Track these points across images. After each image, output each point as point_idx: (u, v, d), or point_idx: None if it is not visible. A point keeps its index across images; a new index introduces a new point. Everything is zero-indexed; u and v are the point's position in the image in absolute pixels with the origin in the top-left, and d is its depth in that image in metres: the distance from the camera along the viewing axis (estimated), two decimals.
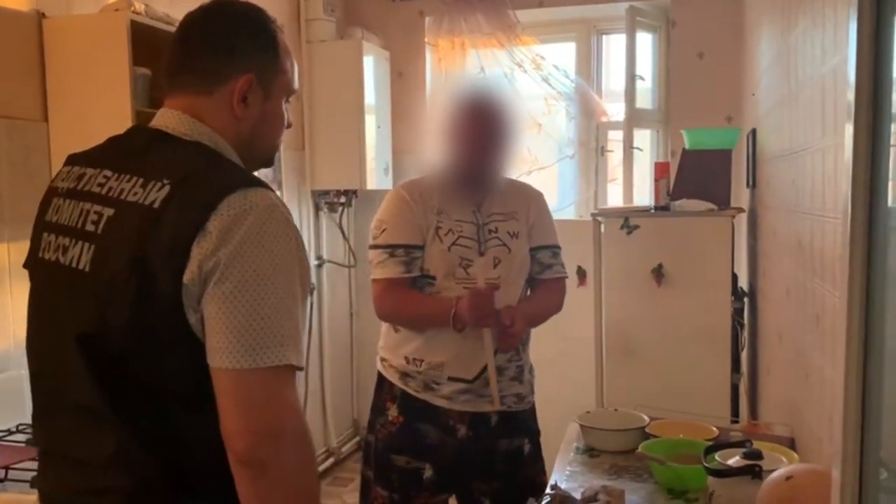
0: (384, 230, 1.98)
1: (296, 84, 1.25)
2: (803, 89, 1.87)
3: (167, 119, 1.15)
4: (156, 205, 1.04)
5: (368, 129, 3.73)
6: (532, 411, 2.13)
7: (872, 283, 0.93)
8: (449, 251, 1.96)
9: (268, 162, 1.27)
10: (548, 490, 1.67)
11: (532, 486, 1.99)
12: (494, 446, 2.04)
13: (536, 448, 2.11)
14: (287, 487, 1.02)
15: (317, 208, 3.93)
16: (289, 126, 1.26)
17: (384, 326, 2.08)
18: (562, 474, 1.86)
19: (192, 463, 1.07)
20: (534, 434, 2.12)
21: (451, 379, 1.97)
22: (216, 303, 1.01)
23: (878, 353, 0.92)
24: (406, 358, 2.01)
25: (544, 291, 2.12)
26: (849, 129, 0.94)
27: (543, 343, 2.53)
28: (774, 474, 1.26)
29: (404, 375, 2.01)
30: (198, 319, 1.03)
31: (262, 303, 1.01)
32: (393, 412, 2.01)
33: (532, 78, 3.99)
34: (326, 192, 3.91)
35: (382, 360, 2.07)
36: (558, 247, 2.13)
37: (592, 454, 1.99)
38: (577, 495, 1.63)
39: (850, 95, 0.93)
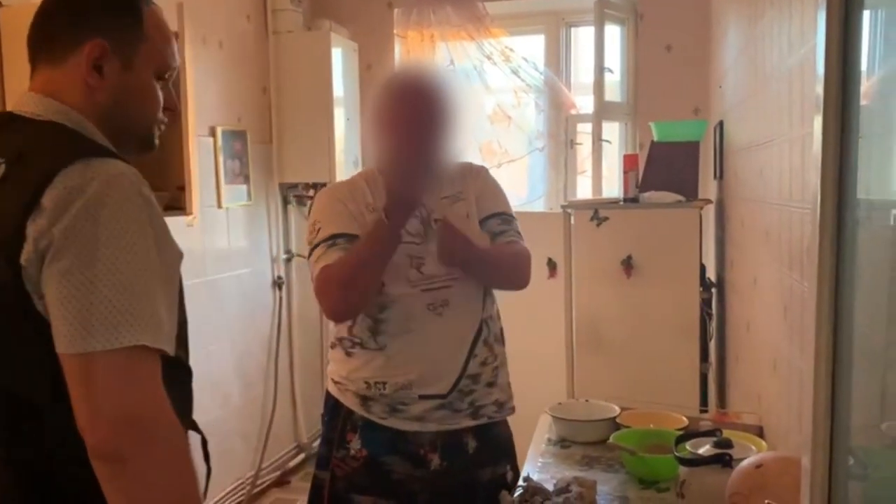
0: (319, 228, 1.74)
1: (173, 61, 1.16)
2: (770, 81, 1.89)
3: (22, 102, 1.09)
4: None
5: (337, 121, 3.70)
6: (508, 427, 1.87)
7: (841, 273, 0.94)
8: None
9: (144, 143, 1.16)
10: (520, 482, 1.67)
11: None
12: (474, 477, 1.77)
13: (516, 475, 1.84)
14: (152, 484, 0.93)
15: (285, 202, 3.89)
16: (173, 109, 1.18)
17: (332, 350, 1.83)
18: (534, 466, 1.86)
19: (56, 463, 0.99)
20: (513, 458, 1.87)
21: (422, 397, 1.71)
22: (53, 283, 0.93)
23: (847, 343, 0.93)
24: (366, 382, 1.73)
25: (500, 246, 1.82)
26: (818, 122, 0.94)
27: (514, 335, 2.52)
28: (744, 462, 1.27)
29: (365, 400, 1.74)
30: (44, 305, 0.95)
31: (103, 280, 0.93)
32: (355, 445, 1.74)
33: (501, 70, 3.98)
34: (295, 186, 3.87)
35: (336, 383, 1.80)
36: (510, 215, 1.85)
37: (564, 445, 2.00)
38: (550, 487, 1.64)
39: (819, 88, 0.94)
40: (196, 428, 1.19)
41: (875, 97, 0.93)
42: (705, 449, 1.57)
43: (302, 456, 3.93)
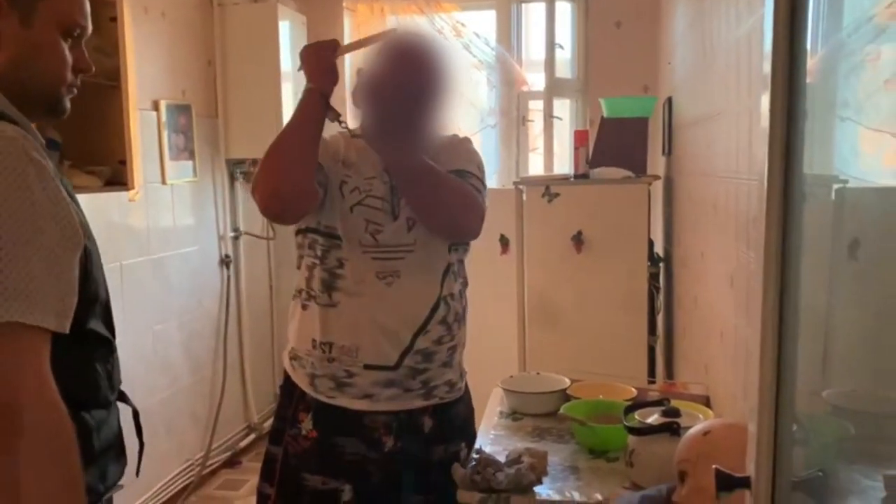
0: None
1: (82, 19, 1.09)
2: (717, 54, 1.91)
3: None
4: None
5: (285, 95, 3.62)
6: (469, 405, 1.83)
7: (787, 244, 0.95)
8: (351, 212, 1.66)
9: (52, 107, 1.09)
10: (472, 454, 1.67)
11: None
12: (428, 456, 1.73)
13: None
14: (31, 468, 0.87)
15: (232, 178, 3.81)
16: (86, 71, 1.12)
17: (292, 306, 1.78)
18: (486, 438, 1.87)
19: None
20: (472, 437, 1.82)
21: (367, 367, 1.66)
22: None
23: (793, 312, 0.95)
24: (314, 342, 1.69)
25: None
26: (765, 99, 0.95)
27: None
28: (692, 430, 1.30)
29: (313, 378, 1.70)
30: None
31: None
32: (307, 425, 1.70)
33: (453, 45, 3.95)
34: (242, 162, 3.79)
35: (292, 359, 1.76)
36: (471, 174, 1.74)
37: (515, 417, 2.01)
38: (502, 458, 1.64)
39: (767, 65, 0.94)
40: (126, 399, 1.14)
41: (818, 75, 0.94)
42: (654, 418, 1.60)
43: (253, 436, 3.89)
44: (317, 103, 1.61)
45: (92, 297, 1.03)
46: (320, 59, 1.62)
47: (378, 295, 1.66)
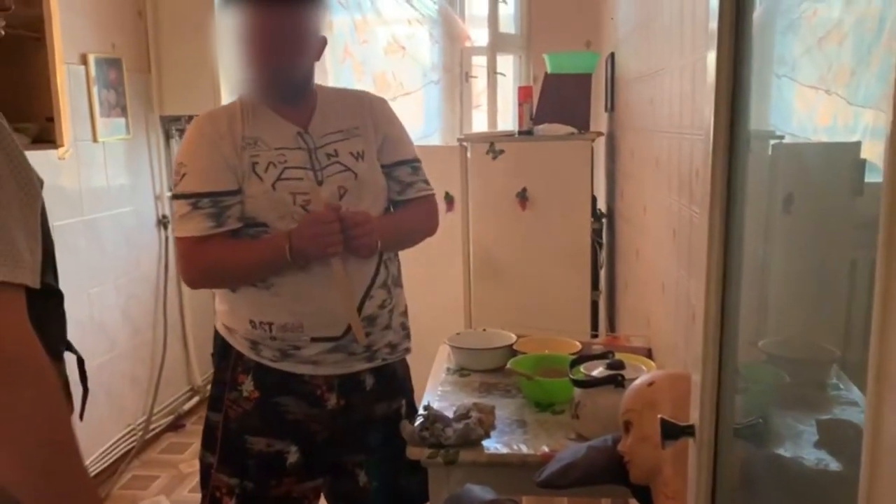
0: (184, 175, 1.59)
1: None
2: (660, 9, 1.91)
3: None
4: None
5: (221, 49, 3.50)
6: (405, 364, 1.83)
7: (731, 198, 0.97)
8: (274, 189, 1.58)
9: None
10: (420, 410, 1.68)
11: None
12: (370, 413, 1.72)
13: (412, 409, 1.80)
14: (20, 424, 0.89)
15: (167, 136, 3.68)
16: (7, 9, 1.07)
17: (210, 291, 1.72)
18: (434, 394, 1.88)
19: None
20: (410, 393, 1.83)
21: (314, 340, 1.63)
22: None
23: (736, 264, 0.97)
24: (251, 322, 1.63)
25: (408, 209, 1.76)
26: (711, 56, 0.95)
27: (414, 269, 2.50)
28: (636, 381, 1.32)
29: (255, 345, 1.65)
30: None
31: None
32: (248, 386, 1.66)
33: (395, 0, 3.87)
34: (177, 119, 3.66)
35: (226, 328, 1.70)
36: (417, 160, 1.77)
37: (463, 374, 2.03)
38: (450, 414, 1.66)
39: (713, 23, 0.94)
40: (72, 348, 1.14)
41: (756, 32, 0.95)
42: (598, 371, 1.63)
43: (196, 399, 3.83)
44: (286, 264, 1.57)
45: (47, 251, 1.02)
46: (327, 240, 1.55)
47: (317, 268, 1.61)
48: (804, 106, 0.92)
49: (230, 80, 1.68)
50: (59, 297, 1.09)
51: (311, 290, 1.61)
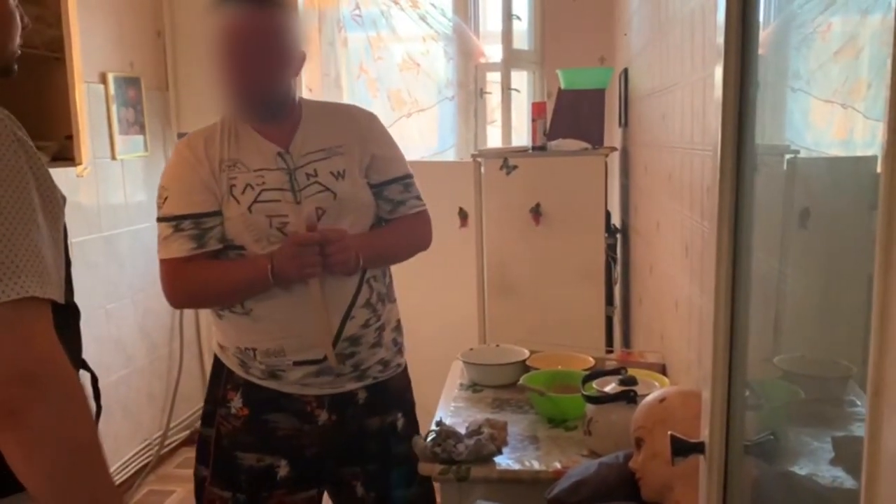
0: (166, 198, 1.61)
1: None
2: (672, 25, 1.91)
3: None
4: None
5: None
6: (404, 377, 1.80)
7: (740, 213, 0.97)
8: (250, 212, 1.57)
9: (6, 69, 1.10)
10: (433, 426, 1.68)
11: (408, 463, 1.67)
12: (363, 427, 1.71)
13: (411, 421, 1.78)
14: (48, 435, 0.91)
15: None
16: (26, 28, 1.12)
17: (208, 313, 1.74)
18: (446, 410, 1.88)
19: None
20: (408, 406, 1.80)
21: (297, 364, 1.62)
22: None
23: (745, 280, 0.97)
24: (238, 348, 1.66)
25: (394, 224, 1.73)
26: (718, 70, 0.96)
27: (427, 285, 2.53)
28: (648, 397, 1.32)
29: (243, 363, 1.66)
30: None
31: None
32: (237, 403, 1.67)
33: (409, 17, 3.90)
34: None
35: (220, 346, 1.72)
36: (409, 176, 1.73)
37: (476, 389, 2.03)
38: (462, 430, 1.66)
39: (720, 38, 0.95)
40: (86, 366, 1.17)
41: (770, 47, 0.95)
42: (611, 387, 1.62)
43: None
44: (268, 285, 1.56)
45: (65, 265, 1.05)
46: (304, 261, 1.54)
47: (295, 291, 1.59)
48: (820, 120, 0.92)
49: (214, 98, 1.68)
50: (75, 313, 1.11)
51: (289, 314, 1.60)
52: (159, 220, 1.63)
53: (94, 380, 1.19)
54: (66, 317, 1.07)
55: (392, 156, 1.73)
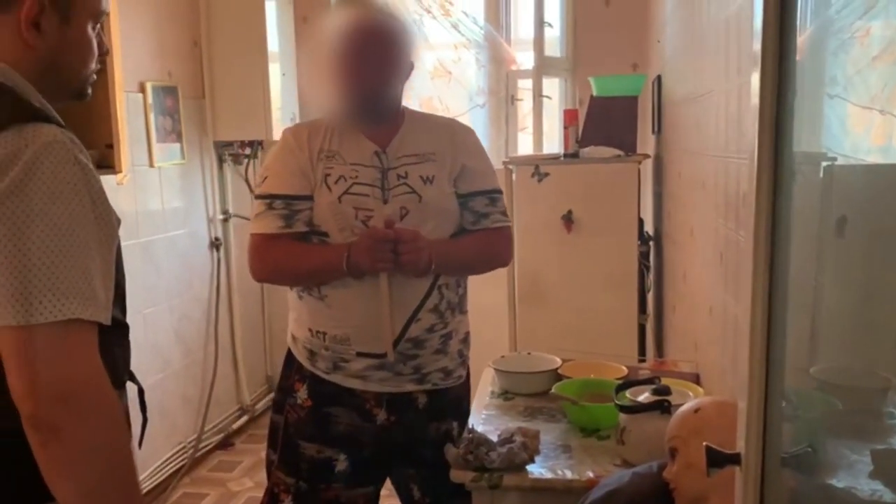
0: (266, 178, 1.73)
1: (106, 5, 1.13)
2: (707, 32, 1.90)
3: None
4: None
5: (273, 76, 3.59)
6: (464, 387, 1.85)
7: (777, 221, 0.96)
8: (339, 202, 1.66)
9: (79, 94, 1.15)
10: (465, 434, 1.68)
11: None
12: (420, 432, 1.76)
13: (464, 431, 1.80)
14: (84, 452, 0.95)
15: (220, 160, 3.78)
16: (105, 53, 1.15)
17: (290, 294, 1.81)
18: (478, 418, 1.88)
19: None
20: (465, 415, 1.85)
21: (360, 354, 1.69)
22: None
23: (782, 288, 0.95)
24: (310, 330, 1.74)
25: (475, 236, 1.78)
26: (755, 77, 0.95)
27: None
28: (683, 407, 1.31)
29: (312, 354, 1.75)
30: None
31: (34, 251, 0.92)
32: (302, 394, 1.76)
33: (441, 25, 3.92)
34: (230, 144, 3.76)
35: (292, 336, 1.81)
36: (498, 191, 1.80)
37: (507, 397, 2.02)
38: (494, 438, 1.65)
39: (757, 44, 0.94)
40: (134, 379, 1.19)
41: (807, 53, 0.94)
42: (644, 396, 1.61)
43: (245, 418, 3.89)
44: (342, 272, 1.64)
45: (118, 285, 1.08)
46: (377, 255, 1.61)
47: (367, 284, 1.67)
48: (858, 126, 0.91)
49: (314, 102, 1.80)
50: (125, 329, 1.14)
51: (358, 304, 1.68)
52: (256, 196, 1.75)
53: (141, 392, 1.22)
54: (119, 335, 1.11)
55: (482, 169, 1.79)
